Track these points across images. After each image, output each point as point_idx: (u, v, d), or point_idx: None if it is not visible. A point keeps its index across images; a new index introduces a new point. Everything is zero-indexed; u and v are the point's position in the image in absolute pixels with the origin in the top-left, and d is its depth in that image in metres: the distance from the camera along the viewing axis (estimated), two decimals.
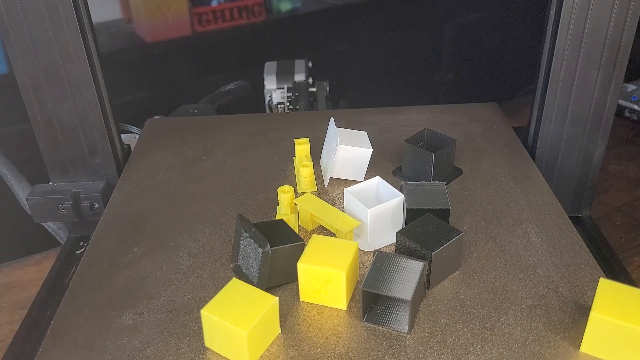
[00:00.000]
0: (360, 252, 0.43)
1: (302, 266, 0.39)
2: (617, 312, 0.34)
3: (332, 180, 0.54)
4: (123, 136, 0.69)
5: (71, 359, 0.38)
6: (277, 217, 0.48)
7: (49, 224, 0.70)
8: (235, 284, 0.38)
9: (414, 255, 0.40)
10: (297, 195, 0.51)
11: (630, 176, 0.93)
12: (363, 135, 0.54)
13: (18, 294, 0.81)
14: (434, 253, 0.39)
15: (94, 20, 0.61)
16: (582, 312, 0.39)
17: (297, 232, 0.44)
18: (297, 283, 0.40)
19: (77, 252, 0.64)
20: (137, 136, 0.70)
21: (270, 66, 0.92)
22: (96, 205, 0.62)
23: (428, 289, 0.41)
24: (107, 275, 0.45)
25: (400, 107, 0.68)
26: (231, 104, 1.02)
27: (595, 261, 0.44)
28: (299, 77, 0.90)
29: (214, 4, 1.11)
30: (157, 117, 0.75)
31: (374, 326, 0.38)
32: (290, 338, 0.38)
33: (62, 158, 0.63)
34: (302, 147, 0.56)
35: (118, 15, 1.10)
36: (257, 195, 0.54)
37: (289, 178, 0.56)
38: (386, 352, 0.36)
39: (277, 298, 0.37)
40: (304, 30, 1.19)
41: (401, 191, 0.46)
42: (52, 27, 0.56)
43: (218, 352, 0.37)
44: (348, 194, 0.47)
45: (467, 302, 0.40)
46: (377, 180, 0.49)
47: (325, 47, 1.20)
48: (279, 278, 0.41)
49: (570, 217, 0.49)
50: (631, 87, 1.14)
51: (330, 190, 0.53)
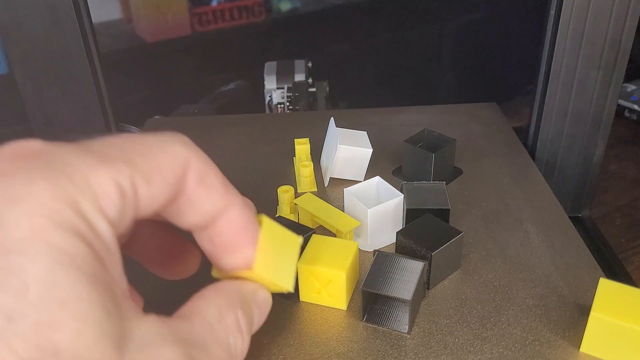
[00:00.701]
0: (360, 252, 0.43)
1: (302, 266, 0.39)
2: (617, 312, 0.34)
3: (332, 180, 0.54)
4: None
5: None
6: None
7: None
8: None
9: (414, 255, 0.40)
10: (297, 195, 0.51)
11: (630, 176, 0.93)
12: (363, 135, 0.54)
13: None
14: (434, 253, 0.39)
15: (94, 20, 0.61)
16: (582, 312, 0.39)
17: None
18: (297, 283, 0.40)
19: None
20: None
21: (270, 66, 0.92)
22: None
23: (428, 289, 0.41)
24: None
25: (400, 107, 0.68)
26: (231, 104, 1.02)
27: (595, 261, 0.43)
28: (299, 77, 0.90)
29: (214, 4, 1.11)
30: (157, 117, 0.75)
31: (374, 326, 0.38)
32: (290, 338, 0.38)
33: None
34: (302, 147, 0.56)
35: (118, 15, 1.10)
36: (257, 195, 0.53)
37: (289, 178, 0.56)
38: (386, 352, 0.36)
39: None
40: (304, 30, 1.19)
41: (401, 191, 0.46)
42: (52, 27, 0.56)
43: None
44: (348, 194, 0.47)
45: (467, 302, 0.40)
46: (377, 180, 0.49)
47: (325, 47, 1.20)
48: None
49: (570, 217, 0.49)
50: (631, 87, 1.14)
51: (330, 190, 0.53)
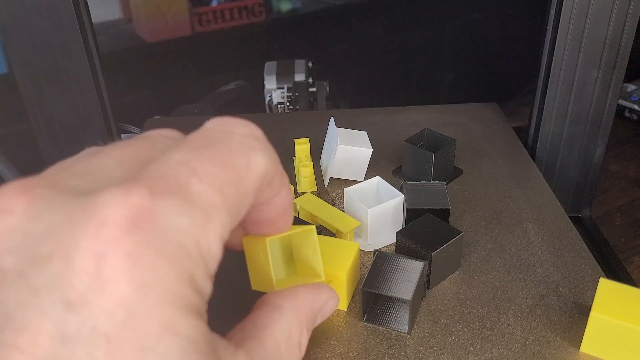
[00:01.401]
0: (360, 252, 0.43)
1: None
2: (617, 312, 0.34)
3: (332, 180, 0.54)
4: (123, 136, 0.69)
5: None
6: None
7: None
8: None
9: (414, 255, 0.40)
10: (297, 195, 0.51)
11: (630, 176, 0.93)
12: (363, 135, 0.54)
13: None
14: (434, 253, 0.39)
15: (94, 20, 0.61)
16: (582, 312, 0.39)
17: None
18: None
19: None
20: None
21: (270, 66, 0.92)
22: None
23: (428, 289, 0.41)
24: None
25: (400, 107, 0.68)
26: (231, 104, 1.02)
27: (595, 261, 0.43)
28: (299, 77, 0.90)
29: (214, 4, 1.11)
30: (157, 117, 0.75)
31: (374, 326, 0.38)
32: None
33: (62, 158, 0.62)
34: (302, 147, 0.56)
35: (118, 15, 1.10)
36: None
37: (289, 178, 0.55)
38: (386, 352, 0.36)
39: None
40: (304, 30, 1.19)
41: (401, 191, 0.46)
42: (52, 27, 0.56)
43: None
44: (348, 194, 0.47)
45: (467, 302, 0.40)
46: (377, 180, 0.49)
47: (325, 47, 1.20)
48: None
49: (570, 217, 0.49)
50: (631, 87, 1.14)
51: (330, 190, 0.53)
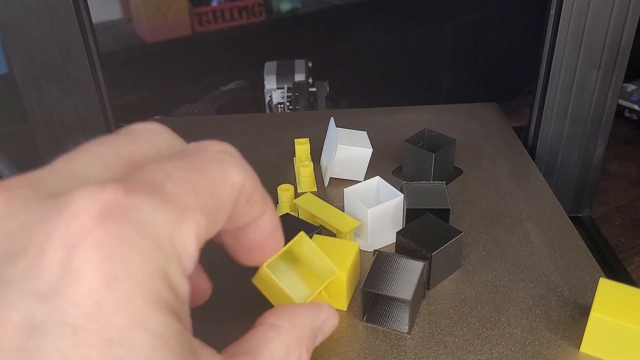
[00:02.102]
0: (360, 252, 0.43)
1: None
2: (617, 312, 0.34)
3: (332, 180, 0.54)
4: None
5: None
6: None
7: None
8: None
9: (414, 255, 0.40)
10: (297, 195, 0.51)
11: (630, 176, 0.93)
12: (363, 135, 0.54)
13: None
14: (434, 253, 0.39)
15: (94, 20, 0.61)
16: (582, 312, 0.39)
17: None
18: None
19: None
20: None
21: (270, 66, 0.92)
22: None
23: (428, 289, 0.41)
24: None
25: (400, 107, 0.68)
26: (231, 104, 1.02)
27: (595, 261, 0.43)
28: (299, 77, 0.90)
29: (214, 4, 1.11)
30: (157, 117, 0.76)
31: (374, 326, 0.38)
32: None
33: None
34: (302, 147, 0.56)
35: (118, 15, 1.10)
36: None
37: (289, 178, 0.56)
38: (386, 352, 0.36)
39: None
40: (304, 30, 1.19)
41: (401, 191, 0.46)
42: (52, 27, 0.56)
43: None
44: (348, 194, 0.47)
45: (467, 302, 0.40)
46: (377, 180, 0.49)
47: (325, 47, 1.20)
48: None
49: (570, 217, 0.49)
50: (631, 87, 1.14)
51: (330, 190, 0.53)
